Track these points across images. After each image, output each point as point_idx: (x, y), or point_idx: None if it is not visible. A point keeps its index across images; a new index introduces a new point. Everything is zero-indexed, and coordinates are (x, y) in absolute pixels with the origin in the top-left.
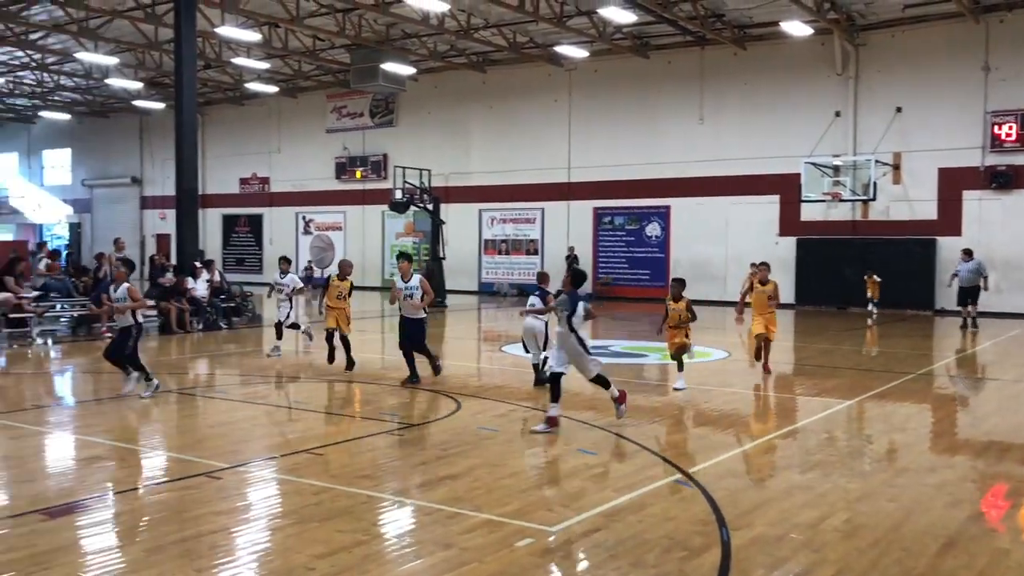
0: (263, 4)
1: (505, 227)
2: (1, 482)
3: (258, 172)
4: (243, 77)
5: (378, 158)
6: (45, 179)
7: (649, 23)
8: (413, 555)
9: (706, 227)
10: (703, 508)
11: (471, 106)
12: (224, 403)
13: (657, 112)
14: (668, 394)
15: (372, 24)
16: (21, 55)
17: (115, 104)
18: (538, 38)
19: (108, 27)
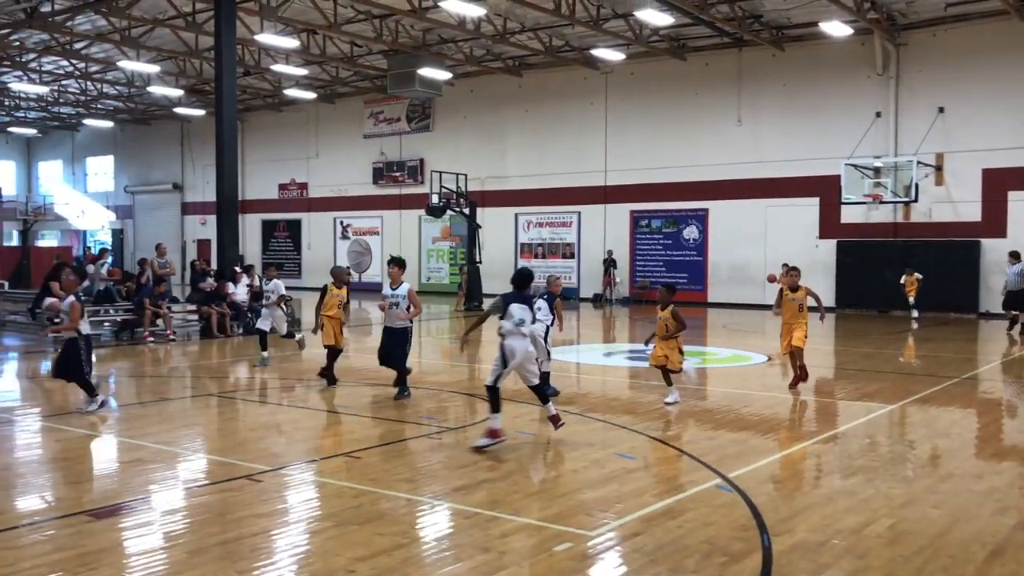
0: (301, 11)
1: (541, 231)
2: (49, 483)
3: (296, 178)
4: (282, 84)
5: (415, 163)
6: (89, 186)
7: (686, 25)
8: (452, 558)
9: (744, 230)
10: (743, 513)
11: (507, 110)
12: (264, 406)
13: (694, 114)
14: (707, 398)
15: (409, 30)
16: (66, 64)
17: (156, 111)
18: (574, 41)
19: (150, 36)
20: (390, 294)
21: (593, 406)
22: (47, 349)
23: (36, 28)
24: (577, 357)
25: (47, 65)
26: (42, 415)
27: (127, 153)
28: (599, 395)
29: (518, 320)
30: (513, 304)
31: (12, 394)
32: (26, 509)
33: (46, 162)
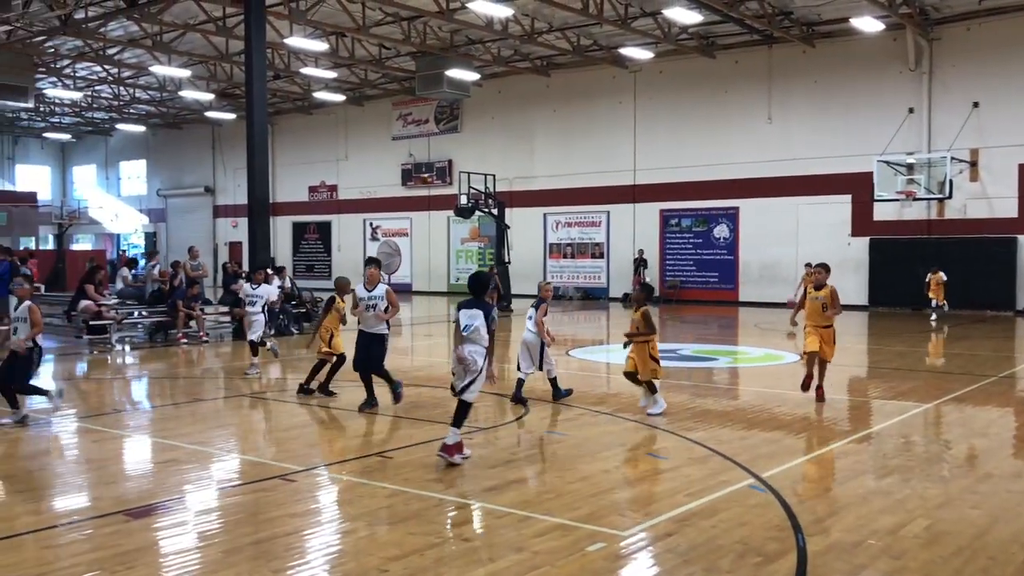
0: (330, 14)
1: (570, 230)
2: (85, 484)
3: (326, 180)
4: (311, 87)
5: (443, 164)
6: (122, 189)
7: (715, 23)
8: (485, 558)
9: (776, 228)
10: (777, 513)
11: (535, 110)
12: (296, 407)
13: (724, 112)
14: (739, 398)
15: (437, 31)
16: (99, 70)
17: (188, 116)
18: (602, 40)
19: (181, 41)
20: (366, 296)
21: (624, 406)
22: (83, 351)
23: (70, 35)
24: (607, 357)
25: (81, 71)
26: (78, 416)
27: (159, 157)
28: (630, 395)
29: (463, 326)
30: (462, 310)
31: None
32: (64, 509)
33: (80, 167)
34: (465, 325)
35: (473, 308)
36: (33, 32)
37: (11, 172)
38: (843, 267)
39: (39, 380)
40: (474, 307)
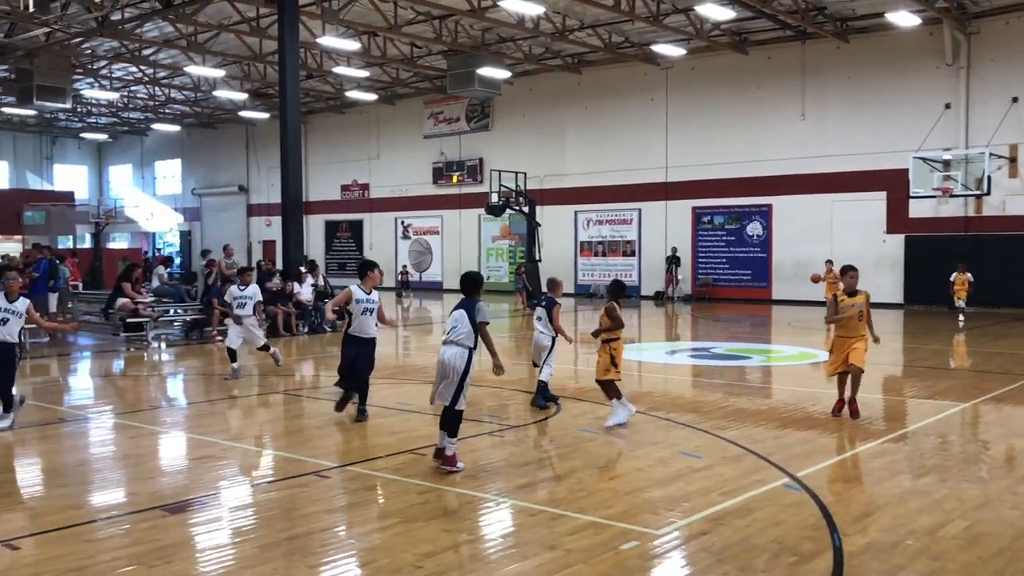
0: (362, 14)
1: (601, 228)
2: (123, 479)
3: (358, 179)
4: (343, 86)
5: (474, 162)
6: (157, 189)
7: (748, 19)
8: (519, 555)
9: (809, 226)
10: (812, 513)
11: (566, 108)
12: (329, 404)
13: (757, 109)
14: (772, 397)
15: (468, 30)
16: (135, 71)
17: (222, 115)
18: (634, 37)
19: (215, 41)
20: (364, 299)
21: (657, 405)
22: (119, 348)
23: (107, 36)
24: (639, 356)
25: (117, 72)
26: (115, 412)
27: (194, 156)
28: (662, 394)
29: (447, 329)
30: (456, 311)
31: (86, 392)
32: (103, 504)
33: (116, 166)
34: (449, 328)
35: (459, 309)
36: (71, 34)
37: (49, 172)
38: (878, 265)
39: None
40: (460, 307)
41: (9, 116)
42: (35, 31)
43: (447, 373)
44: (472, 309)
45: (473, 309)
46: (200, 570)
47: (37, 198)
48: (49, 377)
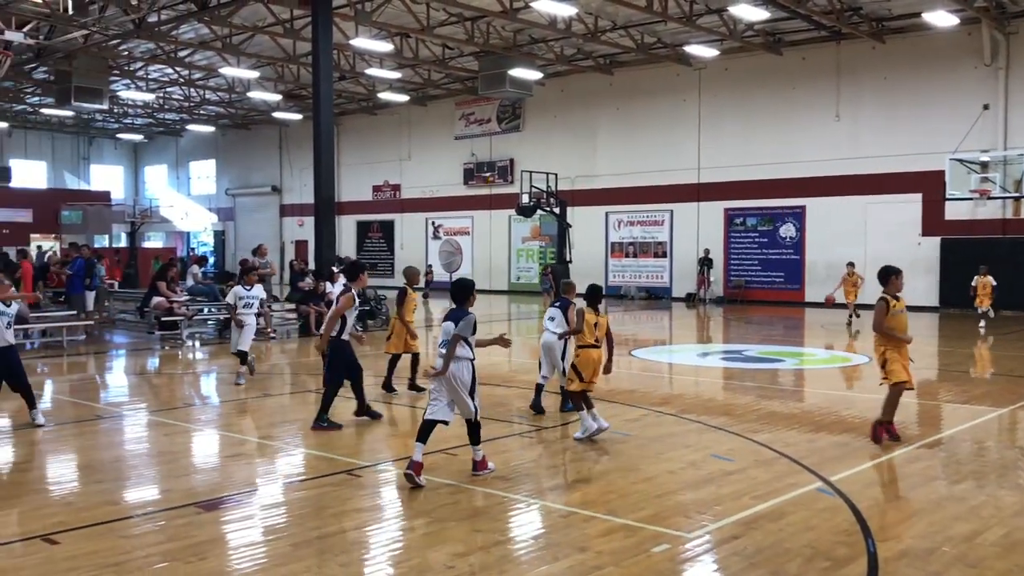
0: (395, 15)
1: (632, 229)
2: (158, 476)
3: (390, 179)
4: (376, 87)
5: (505, 163)
6: (192, 189)
7: (782, 19)
8: (550, 557)
9: (843, 228)
10: (846, 518)
11: (598, 109)
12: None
13: (791, 109)
14: (805, 400)
15: (500, 31)
16: (170, 72)
17: (256, 116)
18: (666, 38)
19: (250, 43)
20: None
21: (688, 407)
22: (154, 346)
23: (143, 38)
24: (670, 358)
25: (153, 73)
26: (150, 410)
27: (228, 157)
28: (693, 396)
29: (441, 341)
30: (445, 322)
31: (122, 389)
32: (139, 500)
33: (152, 166)
34: (442, 341)
35: (448, 320)
36: (108, 36)
37: (86, 172)
38: (913, 267)
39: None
40: (450, 318)
41: (48, 117)
42: (74, 33)
43: (455, 388)
44: (457, 320)
45: (458, 320)
46: (234, 567)
47: (74, 198)
48: (86, 374)
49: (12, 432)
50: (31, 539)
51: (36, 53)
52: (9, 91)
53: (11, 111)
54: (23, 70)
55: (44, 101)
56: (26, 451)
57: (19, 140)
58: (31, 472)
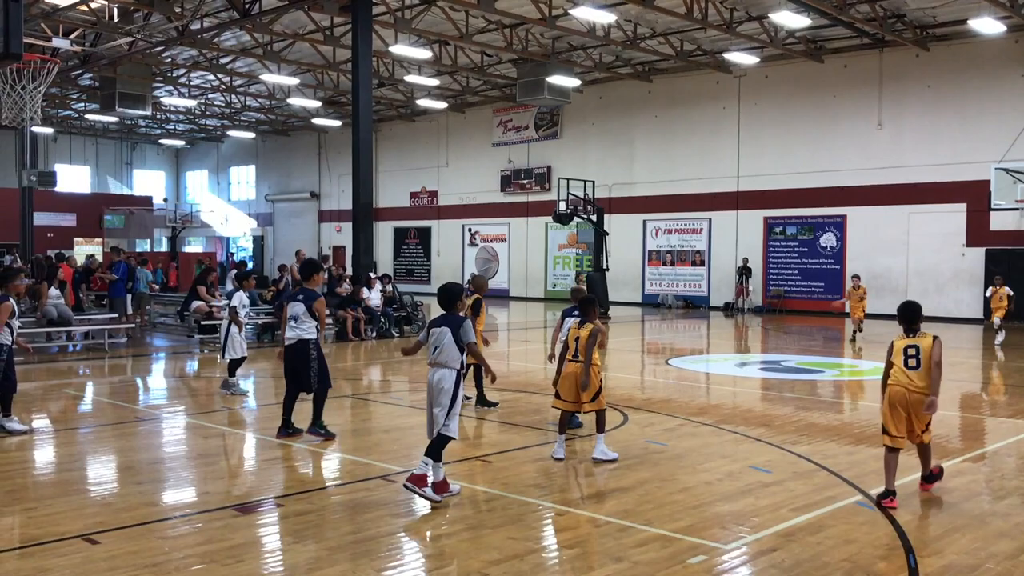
0: (434, 23)
1: (670, 237)
2: (196, 478)
3: (427, 186)
4: (414, 94)
5: (542, 170)
6: (232, 194)
7: (824, 26)
8: (585, 566)
9: (885, 237)
10: (886, 532)
11: (636, 116)
12: (397, 408)
13: (832, 117)
14: (845, 412)
15: (538, 38)
16: (212, 79)
17: (295, 123)
18: (706, 45)
19: (290, 50)
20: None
21: (726, 417)
22: (194, 350)
23: (186, 45)
24: (708, 367)
25: (195, 80)
26: (188, 413)
27: (268, 163)
28: (731, 406)
29: (432, 347)
30: (432, 328)
31: (161, 392)
32: (177, 502)
33: (193, 172)
34: (433, 348)
35: (440, 325)
36: (152, 43)
37: (129, 177)
38: (957, 279)
39: None
40: (441, 324)
41: (92, 123)
42: (119, 40)
43: (439, 399)
44: (458, 327)
45: (459, 327)
46: (270, 570)
47: (117, 202)
48: (126, 377)
49: (54, 433)
50: (72, 539)
51: (82, 60)
52: (55, 97)
53: (57, 117)
54: (69, 76)
55: (89, 107)
56: (67, 452)
57: (64, 145)
58: (72, 472)
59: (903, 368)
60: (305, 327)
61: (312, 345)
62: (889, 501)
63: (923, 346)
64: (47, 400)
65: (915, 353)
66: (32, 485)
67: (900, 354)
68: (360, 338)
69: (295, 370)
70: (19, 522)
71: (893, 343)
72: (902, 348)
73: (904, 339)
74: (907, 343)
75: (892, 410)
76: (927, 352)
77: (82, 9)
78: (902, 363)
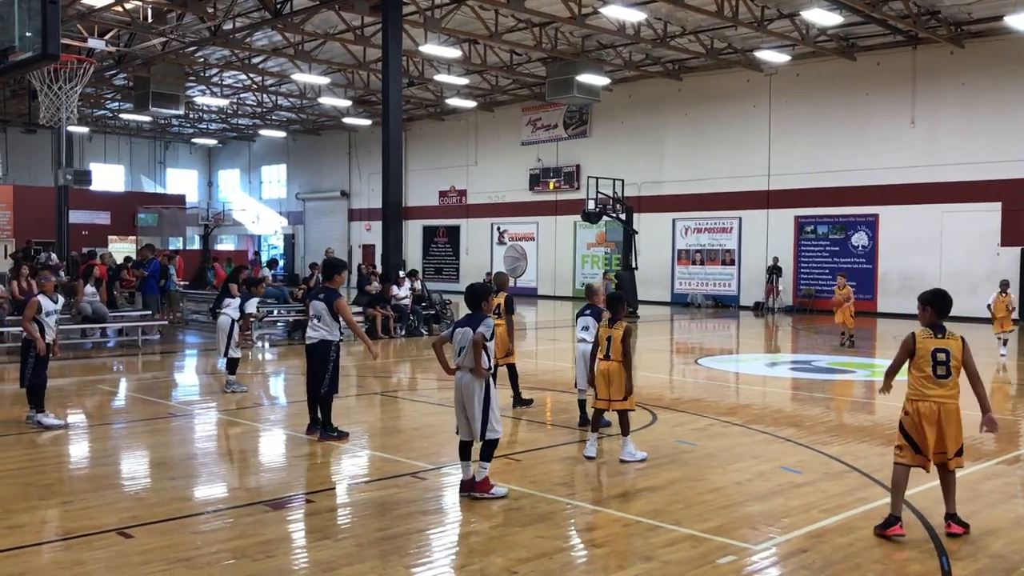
0: (464, 22)
1: (700, 236)
2: (228, 474)
3: (456, 185)
4: (444, 93)
5: (571, 169)
6: (263, 193)
7: (856, 24)
8: (614, 565)
9: (918, 237)
10: (919, 534)
11: (666, 114)
12: (426, 406)
13: (864, 116)
14: (876, 412)
15: (568, 37)
16: (244, 78)
17: (326, 122)
18: (737, 43)
19: (321, 49)
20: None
21: (756, 418)
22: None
23: (218, 45)
24: (737, 367)
25: (227, 79)
26: (219, 409)
27: (298, 162)
28: (762, 407)
29: (457, 348)
30: (457, 328)
31: (193, 388)
32: (209, 497)
33: (225, 170)
34: (459, 349)
35: (465, 326)
36: (185, 43)
37: (162, 175)
38: (991, 279)
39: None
40: (466, 324)
41: (126, 122)
42: (152, 41)
43: (472, 409)
44: (477, 324)
45: (478, 324)
46: (300, 565)
47: (150, 200)
48: (159, 373)
49: (88, 428)
50: (106, 532)
51: (116, 60)
52: (90, 97)
53: (92, 116)
54: (104, 76)
55: (123, 106)
56: (101, 447)
57: (99, 144)
58: (106, 467)
59: (933, 377)
60: (328, 327)
61: (333, 347)
62: (897, 528)
63: (953, 350)
64: (82, 395)
65: (945, 359)
66: (67, 479)
67: (928, 359)
68: (389, 336)
69: (312, 369)
70: (55, 515)
71: (916, 340)
72: (930, 351)
73: (933, 338)
74: (936, 345)
75: (919, 430)
76: (959, 358)
77: (117, 10)
78: (931, 370)
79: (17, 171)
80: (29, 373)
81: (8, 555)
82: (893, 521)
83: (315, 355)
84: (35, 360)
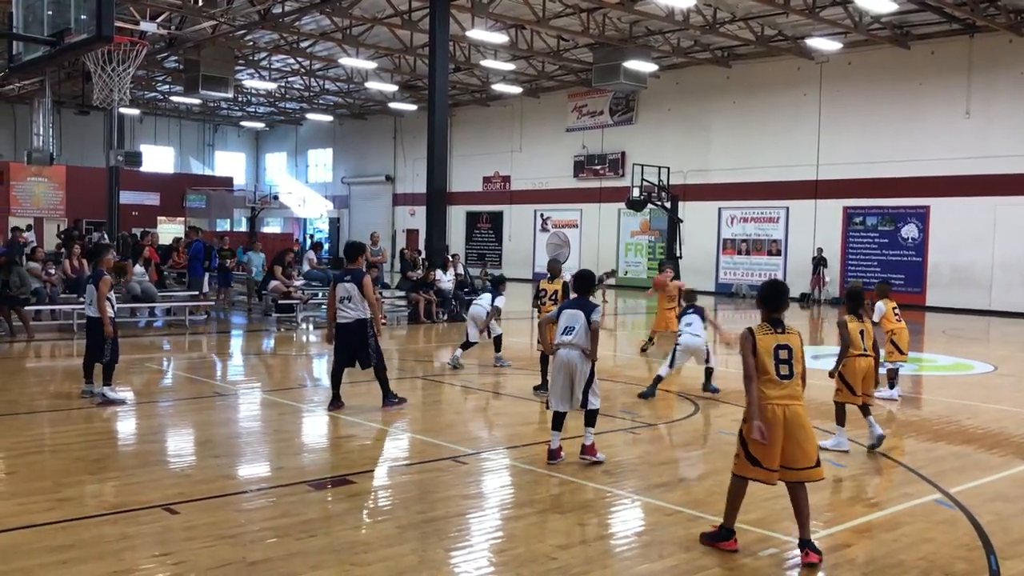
0: (511, 7)
1: (746, 226)
2: (271, 454)
3: (500, 171)
4: (489, 79)
5: (616, 156)
6: (309, 176)
7: (911, 11)
8: (653, 555)
9: (970, 229)
10: (966, 532)
11: (713, 102)
12: (467, 391)
13: (917, 106)
14: (923, 407)
15: (616, 22)
16: (292, 62)
17: (372, 107)
18: (787, 31)
19: (368, 34)
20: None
21: None
22: (271, 328)
23: (267, 28)
24: None
25: (276, 63)
26: (263, 389)
27: (344, 146)
28: (805, 398)
29: (563, 328)
30: (564, 311)
31: (239, 368)
32: (253, 476)
33: (272, 154)
34: (566, 327)
35: (575, 308)
36: (235, 27)
37: (211, 158)
38: None
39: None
40: (576, 307)
41: (176, 104)
42: (203, 24)
43: (573, 377)
44: (590, 310)
45: (591, 310)
46: (341, 545)
47: (199, 183)
48: (204, 353)
49: (136, 405)
50: (152, 508)
51: (167, 43)
52: (142, 79)
53: (143, 98)
54: (155, 59)
55: (173, 89)
56: (148, 424)
57: (149, 126)
58: (153, 444)
59: (776, 377)
60: (361, 306)
61: (369, 324)
62: (732, 543)
63: (794, 345)
64: (130, 373)
65: (787, 357)
66: (116, 455)
67: (771, 357)
68: (432, 320)
69: (352, 348)
70: (104, 490)
71: (755, 336)
72: (771, 349)
73: (772, 334)
74: (777, 341)
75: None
76: (800, 356)
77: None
78: (773, 370)
79: (70, 152)
80: (108, 349)
81: (58, 527)
82: (726, 535)
83: (356, 334)
84: (113, 337)
